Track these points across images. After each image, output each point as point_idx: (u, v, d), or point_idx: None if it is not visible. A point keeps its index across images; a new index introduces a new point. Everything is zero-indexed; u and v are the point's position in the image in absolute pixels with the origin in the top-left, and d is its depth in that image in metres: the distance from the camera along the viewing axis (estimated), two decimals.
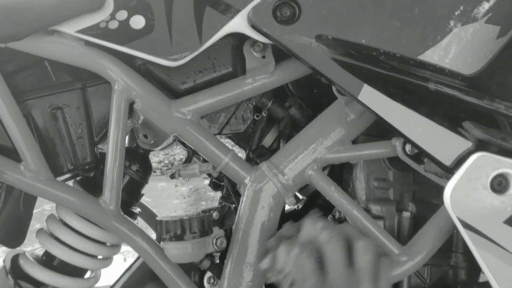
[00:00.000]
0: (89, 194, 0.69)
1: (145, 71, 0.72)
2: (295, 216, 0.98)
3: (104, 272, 0.82)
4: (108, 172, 0.68)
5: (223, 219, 0.81)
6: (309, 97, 0.85)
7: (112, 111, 0.69)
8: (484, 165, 0.60)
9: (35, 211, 0.82)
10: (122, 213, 0.70)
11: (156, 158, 4.98)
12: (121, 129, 0.68)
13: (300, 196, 0.94)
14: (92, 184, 0.77)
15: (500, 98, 0.61)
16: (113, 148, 0.68)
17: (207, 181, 0.97)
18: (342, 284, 0.53)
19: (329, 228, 0.57)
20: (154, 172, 4.73)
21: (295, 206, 0.99)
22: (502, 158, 0.60)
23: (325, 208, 0.84)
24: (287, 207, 1.00)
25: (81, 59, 0.68)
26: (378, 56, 0.63)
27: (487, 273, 0.61)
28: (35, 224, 0.83)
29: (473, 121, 0.62)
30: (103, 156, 0.73)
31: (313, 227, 0.58)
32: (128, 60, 0.70)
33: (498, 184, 0.60)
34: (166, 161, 4.87)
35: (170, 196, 4.09)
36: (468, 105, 0.61)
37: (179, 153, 4.92)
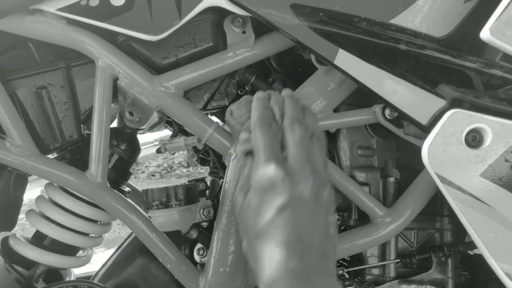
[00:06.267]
0: (75, 168, 0.70)
1: (128, 47, 0.73)
2: None
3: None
4: (94, 145, 0.69)
5: (212, 192, 0.82)
6: (293, 74, 0.86)
7: (96, 87, 0.70)
8: (458, 121, 0.61)
9: None
10: (109, 186, 0.71)
11: (155, 162, 5.01)
12: (106, 103, 0.70)
13: None
14: (80, 164, 0.78)
15: (472, 56, 0.62)
16: (98, 120, 0.69)
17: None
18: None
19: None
20: (154, 175, 4.79)
21: None
22: (475, 113, 0.61)
23: None
24: None
25: (63, 38, 0.70)
26: (351, 22, 0.65)
27: (467, 226, 0.62)
28: None
29: (447, 81, 0.64)
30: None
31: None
32: (110, 38, 0.72)
33: (473, 139, 0.62)
34: (165, 165, 4.90)
35: None
36: (441, 63, 0.63)
37: (178, 156, 4.95)
